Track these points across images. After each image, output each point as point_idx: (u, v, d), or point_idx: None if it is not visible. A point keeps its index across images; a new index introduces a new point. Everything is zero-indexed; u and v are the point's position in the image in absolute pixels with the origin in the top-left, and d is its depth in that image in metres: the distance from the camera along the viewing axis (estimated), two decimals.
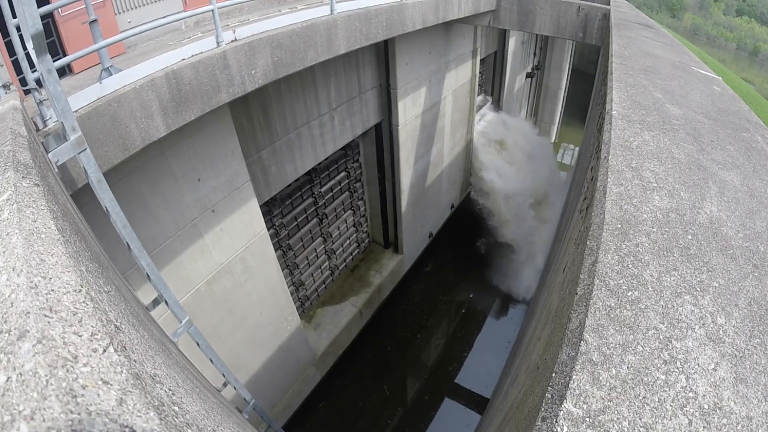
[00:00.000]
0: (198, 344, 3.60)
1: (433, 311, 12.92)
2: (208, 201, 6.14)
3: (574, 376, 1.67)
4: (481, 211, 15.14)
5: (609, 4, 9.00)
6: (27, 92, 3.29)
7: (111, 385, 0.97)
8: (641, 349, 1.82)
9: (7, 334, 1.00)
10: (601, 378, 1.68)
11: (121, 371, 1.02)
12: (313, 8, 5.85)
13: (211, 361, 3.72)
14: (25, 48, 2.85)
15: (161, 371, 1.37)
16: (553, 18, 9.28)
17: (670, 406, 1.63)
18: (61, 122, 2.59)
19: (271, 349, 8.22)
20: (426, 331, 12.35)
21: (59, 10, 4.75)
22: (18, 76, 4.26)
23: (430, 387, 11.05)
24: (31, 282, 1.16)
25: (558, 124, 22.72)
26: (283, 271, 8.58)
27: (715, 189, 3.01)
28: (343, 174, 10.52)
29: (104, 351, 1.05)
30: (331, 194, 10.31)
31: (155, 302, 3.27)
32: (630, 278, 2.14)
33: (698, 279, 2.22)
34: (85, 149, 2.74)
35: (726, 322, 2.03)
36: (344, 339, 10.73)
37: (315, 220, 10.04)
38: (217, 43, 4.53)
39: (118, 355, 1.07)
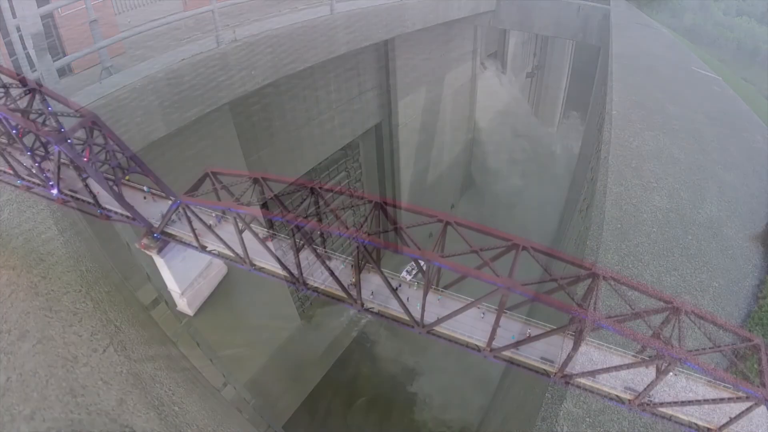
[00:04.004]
0: (198, 344, 3.59)
1: None
2: None
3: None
4: None
5: (609, 4, 8.99)
6: (27, 92, 3.28)
7: (111, 385, 0.97)
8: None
9: (7, 334, 0.99)
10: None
11: (121, 371, 1.02)
12: (313, 8, 5.84)
13: (211, 361, 3.71)
14: (25, 48, 2.85)
15: (161, 371, 1.37)
16: (553, 18, 9.29)
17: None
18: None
19: (271, 349, 8.21)
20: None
21: (59, 9, 4.74)
22: (18, 76, 4.25)
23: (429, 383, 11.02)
24: (31, 282, 1.16)
25: (557, 123, 22.72)
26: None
27: (715, 189, 3.00)
28: (343, 174, 10.51)
29: (104, 351, 1.05)
30: (331, 194, 10.27)
31: (155, 302, 3.26)
32: (630, 278, 2.14)
33: (698, 279, 2.22)
34: None
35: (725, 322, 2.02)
36: (344, 339, 10.71)
37: (315, 220, 10.01)
38: (217, 43, 4.53)
39: (118, 355, 1.06)
